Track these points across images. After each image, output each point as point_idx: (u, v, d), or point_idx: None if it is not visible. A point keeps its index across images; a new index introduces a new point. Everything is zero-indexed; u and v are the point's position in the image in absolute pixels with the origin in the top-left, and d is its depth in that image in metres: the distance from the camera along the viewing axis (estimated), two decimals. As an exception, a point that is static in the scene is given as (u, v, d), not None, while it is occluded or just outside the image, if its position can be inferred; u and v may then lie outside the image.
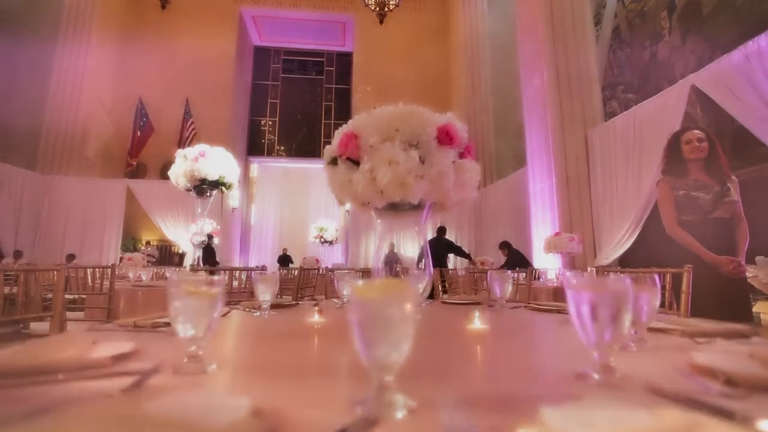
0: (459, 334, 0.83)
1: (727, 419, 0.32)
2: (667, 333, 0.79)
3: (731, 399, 0.41)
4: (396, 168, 0.74)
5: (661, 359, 0.59)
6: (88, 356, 0.56)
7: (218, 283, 0.58)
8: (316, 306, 1.43)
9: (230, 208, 12.14)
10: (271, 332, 0.86)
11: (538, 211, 7.89)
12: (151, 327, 0.89)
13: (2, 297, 1.25)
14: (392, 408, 0.35)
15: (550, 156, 7.47)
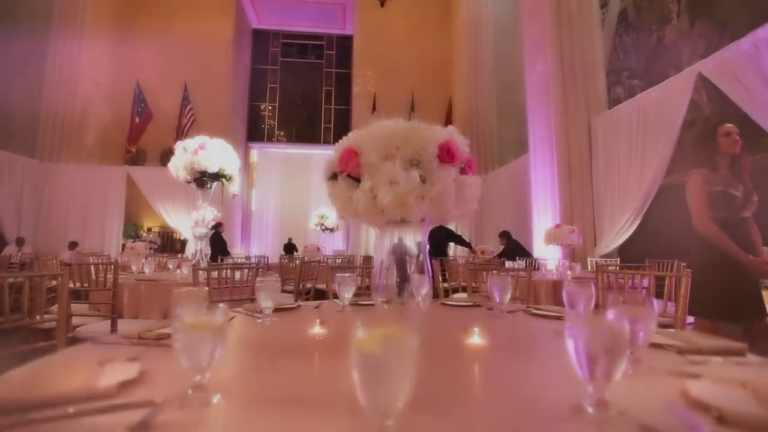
0: (455, 354, 0.84)
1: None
2: (663, 349, 0.81)
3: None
4: (397, 188, 0.74)
5: (656, 386, 0.60)
6: (96, 385, 0.57)
7: (222, 313, 0.59)
8: (317, 307, 1.45)
9: (231, 194, 12.14)
10: (274, 349, 0.87)
11: (539, 199, 7.88)
12: (156, 339, 0.91)
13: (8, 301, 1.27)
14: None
15: (553, 143, 7.41)
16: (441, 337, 0.92)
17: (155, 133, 11.11)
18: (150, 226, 12.54)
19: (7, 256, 6.60)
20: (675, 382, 0.60)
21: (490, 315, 1.28)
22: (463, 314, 1.32)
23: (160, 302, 2.69)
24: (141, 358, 0.75)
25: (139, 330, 0.95)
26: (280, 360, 0.78)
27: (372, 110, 11.82)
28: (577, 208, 6.89)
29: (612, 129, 6.31)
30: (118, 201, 10.34)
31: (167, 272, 3.45)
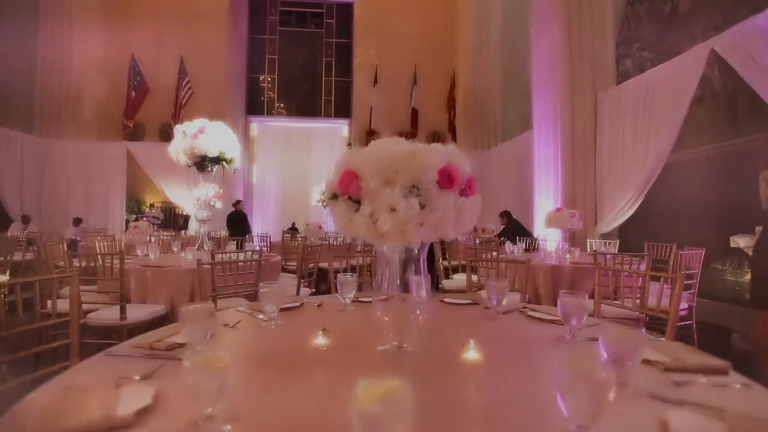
0: (448, 371, 0.88)
1: None
2: (650, 365, 0.84)
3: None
4: (396, 215, 0.75)
5: (638, 414, 0.64)
6: (114, 414, 0.61)
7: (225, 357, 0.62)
8: (320, 306, 1.49)
9: (231, 170, 12.04)
10: (280, 362, 0.91)
11: (542, 177, 7.84)
12: (166, 350, 0.95)
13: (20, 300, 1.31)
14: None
15: (557, 120, 7.29)
16: (434, 353, 0.96)
17: (153, 108, 10.93)
18: (152, 202, 12.57)
19: (14, 238, 6.68)
20: (656, 411, 0.63)
21: (485, 316, 1.32)
22: (460, 315, 1.37)
23: (166, 288, 2.77)
24: (154, 376, 0.79)
25: (150, 341, 0.99)
26: (286, 378, 0.82)
27: (373, 83, 11.54)
28: (580, 187, 6.87)
29: (619, 106, 6.18)
30: (119, 177, 10.32)
31: (172, 255, 3.50)
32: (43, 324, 1.33)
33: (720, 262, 5.28)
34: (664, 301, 2.26)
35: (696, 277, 2.87)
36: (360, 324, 1.21)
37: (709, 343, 3.05)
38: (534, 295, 3.18)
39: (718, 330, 3.82)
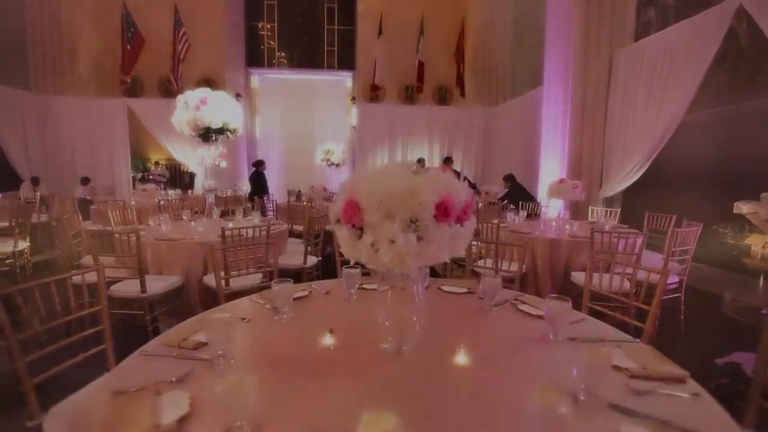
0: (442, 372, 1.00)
1: None
2: (619, 371, 0.96)
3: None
4: (396, 247, 0.83)
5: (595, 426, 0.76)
6: (160, 424, 0.74)
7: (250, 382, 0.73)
8: (327, 294, 1.61)
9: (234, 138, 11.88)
10: (293, 363, 1.03)
11: (549, 138, 7.70)
12: (193, 349, 1.08)
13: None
14: None
15: (569, 78, 7.01)
16: (429, 349, 1.07)
17: (150, 61, 10.56)
18: (157, 160, 12.59)
19: (30, 202, 6.84)
20: (612, 423, 0.75)
21: (479, 308, 1.43)
22: (456, 306, 1.48)
23: (180, 260, 2.92)
24: (187, 379, 0.92)
25: (178, 340, 1.12)
26: (300, 381, 0.95)
27: (378, 33, 10.95)
28: (587, 149, 6.78)
29: (635, 64, 5.91)
30: (121, 135, 10.25)
31: (183, 225, 3.62)
32: (75, 318, 1.46)
33: (722, 225, 5.34)
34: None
35: (690, 253, 2.96)
36: (364, 317, 1.33)
37: (695, 316, 3.19)
38: (532, 266, 3.31)
39: (708, 298, 3.97)
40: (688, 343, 2.86)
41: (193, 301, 2.94)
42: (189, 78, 11.12)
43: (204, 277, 2.93)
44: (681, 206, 5.45)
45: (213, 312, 1.38)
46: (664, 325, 2.89)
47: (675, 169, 5.77)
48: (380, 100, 11.74)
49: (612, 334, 1.20)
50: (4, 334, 1.18)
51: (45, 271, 4.81)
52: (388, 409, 0.62)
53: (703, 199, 5.40)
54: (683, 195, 5.64)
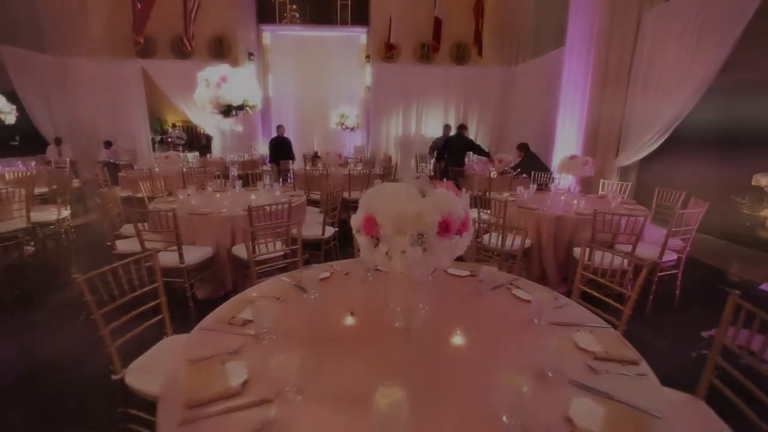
0: (443, 348, 1.25)
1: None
2: (585, 353, 1.18)
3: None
4: (405, 257, 1.03)
5: (554, 399, 0.99)
6: (230, 386, 1.01)
7: (296, 360, 0.97)
8: (347, 275, 1.86)
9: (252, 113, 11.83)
10: (323, 340, 1.29)
11: (568, 102, 7.53)
12: (242, 325, 1.35)
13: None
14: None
15: (593, 39, 6.73)
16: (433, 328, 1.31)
17: (162, 21, 10.40)
18: (174, 122, 12.76)
19: (60, 169, 7.19)
20: (568, 395, 0.98)
21: (478, 292, 1.65)
22: (458, 289, 1.71)
23: (210, 232, 3.21)
24: (241, 352, 1.19)
25: (227, 317, 1.39)
26: (329, 353, 1.21)
27: (393, -10, 10.42)
28: (606, 116, 6.64)
29: (664, 26, 5.63)
30: (138, 97, 10.40)
31: (209, 197, 3.86)
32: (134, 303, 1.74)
33: (740, 196, 5.32)
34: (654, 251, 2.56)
35: (691, 233, 3.07)
36: (380, 298, 1.57)
37: (691, 290, 3.34)
38: (537, 241, 3.49)
39: (708, 273, 4.10)
40: (679, 317, 3.06)
41: (223, 269, 3.26)
42: (201, 37, 10.96)
43: (233, 247, 3.22)
44: (699, 176, 5.42)
45: (250, 292, 1.64)
46: (660, 299, 3.09)
47: (695, 137, 5.65)
48: (395, 59, 11.40)
49: (588, 319, 1.41)
50: (91, 309, 1.46)
51: (84, 235, 5.23)
52: (397, 382, 0.85)
53: (723, 168, 5.34)
54: (702, 164, 5.57)
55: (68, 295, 3.52)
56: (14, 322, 2.98)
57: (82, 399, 2.12)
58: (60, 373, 2.33)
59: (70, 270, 4.12)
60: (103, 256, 3.90)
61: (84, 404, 2.08)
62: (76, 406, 2.07)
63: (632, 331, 2.65)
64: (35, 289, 3.60)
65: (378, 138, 11.45)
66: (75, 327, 2.88)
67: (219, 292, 3.29)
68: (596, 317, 1.44)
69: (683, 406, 1.36)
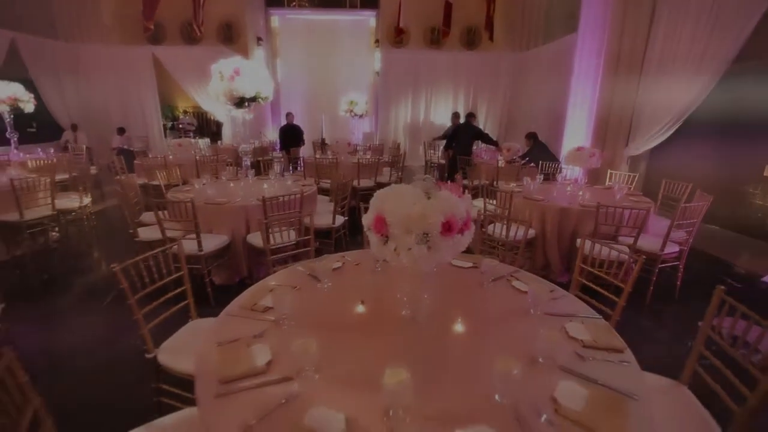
0: (445, 334, 1.37)
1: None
2: (575, 341, 1.29)
3: (554, 427, 0.94)
4: (411, 253, 1.15)
5: (544, 382, 1.10)
6: (256, 365, 1.15)
7: (313, 344, 1.10)
8: (357, 265, 1.98)
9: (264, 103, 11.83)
10: (336, 326, 1.43)
11: (579, 89, 7.45)
12: (263, 311, 1.48)
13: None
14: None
15: (606, 25, 6.63)
16: (436, 317, 1.43)
17: (171, 6, 10.43)
18: (185, 108, 12.87)
19: (78, 156, 7.37)
20: (557, 378, 1.10)
21: (479, 283, 1.76)
22: (461, 280, 1.82)
23: (226, 221, 3.36)
24: (264, 335, 1.33)
25: (250, 304, 1.52)
26: (344, 338, 1.34)
27: (403, -30, 10.23)
28: (617, 104, 6.58)
29: (680, 10, 5.50)
30: (150, 83, 10.51)
31: (223, 186, 3.99)
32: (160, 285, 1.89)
33: (753, 186, 5.29)
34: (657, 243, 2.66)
35: (694, 227, 3.12)
36: (388, 287, 1.69)
37: (693, 282, 3.41)
38: (542, 231, 3.57)
39: (712, 264, 4.14)
40: (679, 308, 3.14)
41: (238, 256, 3.42)
42: (210, 22, 10.96)
43: (247, 235, 3.37)
44: (710, 167, 5.38)
45: (269, 280, 1.77)
46: (661, 290, 3.17)
47: (706, 126, 5.59)
48: (404, 44, 11.28)
49: (581, 310, 1.52)
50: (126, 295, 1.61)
51: (104, 221, 5.45)
52: (403, 364, 0.98)
53: (735, 158, 5.29)
54: (713, 155, 5.53)
55: (92, 280, 3.73)
56: (45, 304, 3.19)
57: (116, 376, 2.31)
58: (93, 352, 2.52)
59: (93, 255, 4.33)
60: (125, 242, 4.10)
61: (119, 380, 2.27)
62: (111, 383, 2.26)
63: (631, 321, 2.76)
64: (62, 273, 3.82)
65: (387, 124, 11.45)
66: (101, 309, 3.08)
67: (234, 278, 3.46)
68: (589, 308, 1.54)
69: (667, 391, 1.48)
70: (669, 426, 1.31)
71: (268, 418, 0.96)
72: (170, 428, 1.26)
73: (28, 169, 5.45)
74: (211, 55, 10.35)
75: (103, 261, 4.16)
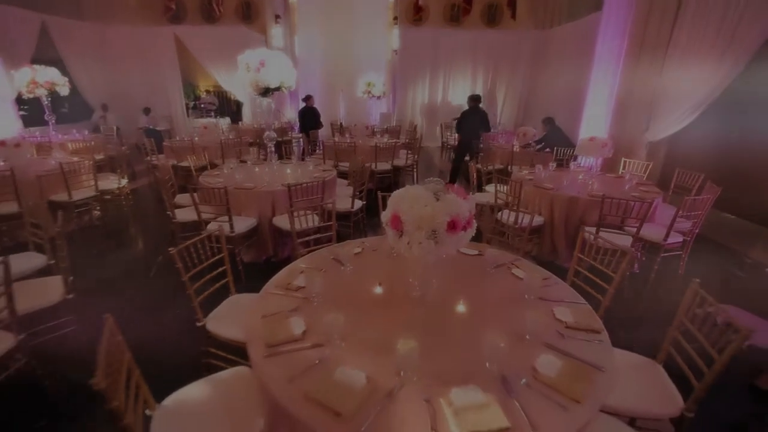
0: (449, 313, 1.62)
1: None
2: (560, 322, 1.52)
3: (531, 389, 1.19)
4: (421, 247, 1.38)
5: (526, 354, 1.34)
6: (294, 334, 1.42)
7: (341, 319, 1.37)
8: (375, 250, 2.23)
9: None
10: (359, 302, 1.70)
11: (600, 71, 7.34)
12: (296, 290, 1.76)
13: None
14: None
15: (632, 5, 6.46)
16: (443, 297, 1.68)
17: (190, -15, 10.52)
18: (206, 88, 13.14)
19: (108, 136, 7.73)
20: (538, 352, 1.34)
21: (482, 269, 1.99)
22: (467, 266, 2.05)
23: (254, 204, 3.65)
24: (298, 310, 1.60)
25: (284, 283, 1.80)
26: (364, 312, 1.61)
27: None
28: (639, 86, 6.47)
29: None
30: (172, 63, 10.74)
31: (249, 171, 4.28)
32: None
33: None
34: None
35: (700, 218, 3.23)
36: (402, 271, 1.94)
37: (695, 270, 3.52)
38: (550, 219, 3.74)
39: (718, 253, 4.20)
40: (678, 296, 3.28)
41: (265, 237, 3.72)
42: (229, 1, 11.04)
43: (273, 218, 3.66)
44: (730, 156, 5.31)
45: (299, 263, 2.04)
46: (662, 278, 3.32)
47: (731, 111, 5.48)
48: (423, 21, 11.11)
49: (570, 297, 1.74)
50: (181, 273, 1.91)
51: (139, 200, 5.85)
52: (412, 335, 1.23)
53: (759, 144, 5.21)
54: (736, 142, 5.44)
55: (136, 255, 4.12)
56: (98, 276, 3.59)
57: (167, 340, 2.67)
58: (147, 320, 2.89)
59: (133, 233, 4.74)
60: (161, 221, 4.46)
61: (170, 344, 2.63)
62: (164, 346, 2.61)
63: (628, 307, 2.95)
64: (108, 249, 4.23)
65: (404, 105, 11.46)
66: (147, 282, 3.46)
67: (261, 256, 3.79)
68: (578, 295, 1.76)
69: (643, 367, 1.70)
70: (639, 394, 1.54)
71: (306, 373, 1.24)
72: (227, 381, 1.56)
73: (68, 150, 5.86)
74: (231, 35, 10.53)
75: (143, 238, 4.56)
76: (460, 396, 1.12)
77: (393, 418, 1.08)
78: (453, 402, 1.10)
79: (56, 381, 2.13)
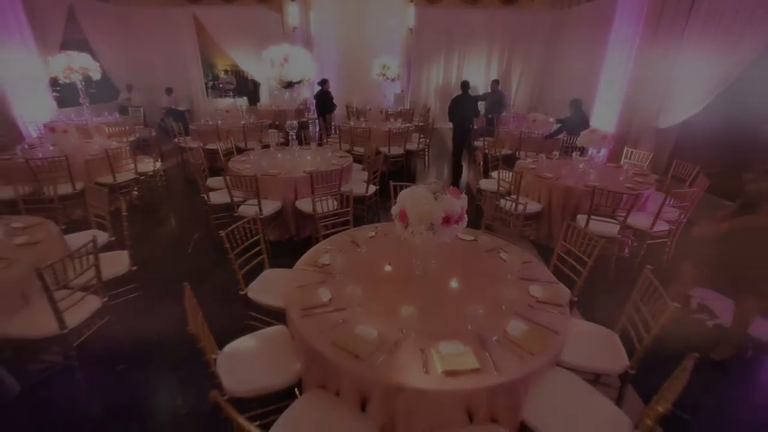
0: (446, 288, 2.03)
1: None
2: (532, 297, 1.91)
3: (500, 344, 1.59)
4: (422, 236, 1.77)
5: (498, 322, 1.74)
6: (323, 300, 1.85)
7: (360, 295, 1.78)
8: (386, 235, 2.63)
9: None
10: (373, 277, 2.12)
11: (615, 54, 7.35)
12: (322, 267, 2.18)
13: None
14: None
15: (650, -15, 6.41)
16: (441, 275, 2.08)
17: (208, -35, 10.62)
18: (224, 67, 13.40)
19: (148, 129, 8.12)
20: (507, 320, 1.73)
21: (476, 252, 2.37)
22: (463, 249, 2.43)
23: (279, 189, 4.06)
24: (324, 283, 2.03)
25: (311, 261, 2.22)
26: (378, 285, 2.02)
27: None
28: (653, 71, 6.50)
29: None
30: (191, 43, 10.98)
31: (272, 157, 4.69)
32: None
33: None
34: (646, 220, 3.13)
35: (687, 209, 3.51)
36: (407, 254, 2.33)
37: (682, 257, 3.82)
38: (548, 206, 4.05)
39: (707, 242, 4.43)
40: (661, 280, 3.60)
41: (288, 219, 4.16)
42: (246, -19, 11.10)
43: (295, 201, 4.08)
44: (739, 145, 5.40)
45: (324, 244, 2.46)
46: (648, 262, 3.62)
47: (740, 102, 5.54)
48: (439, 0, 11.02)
49: (546, 277, 2.11)
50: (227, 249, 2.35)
51: (172, 182, 6.34)
52: (413, 304, 1.64)
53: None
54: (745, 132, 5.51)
55: (175, 234, 4.63)
56: (146, 251, 4.11)
57: (213, 306, 3.15)
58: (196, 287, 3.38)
59: (169, 212, 5.24)
60: (193, 200, 4.94)
61: (215, 310, 3.11)
62: (211, 312, 3.09)
63: (608, 288, 3.30)
64: (149, 226, 4.74)
65: (418, 86, 11.55)
66: (188, 256, 3.96)
67: (284, 236, 4.24)
68: (552, 275, 2.14)
69: (603, 336, 2.08)
70: (595, 355, 1.93)
71: (333, 329, 1.67)
72: (269, 336, 2.01)
73: (105, 134, 6.35)
74: (247, 14, 10.68)
75: (178, 217, 5.06)
76: (446, 347, 1.54)
77: (396, 361, 1.50)
78: (440, 351, 1.52)
79: (131, 335, 2.65)
